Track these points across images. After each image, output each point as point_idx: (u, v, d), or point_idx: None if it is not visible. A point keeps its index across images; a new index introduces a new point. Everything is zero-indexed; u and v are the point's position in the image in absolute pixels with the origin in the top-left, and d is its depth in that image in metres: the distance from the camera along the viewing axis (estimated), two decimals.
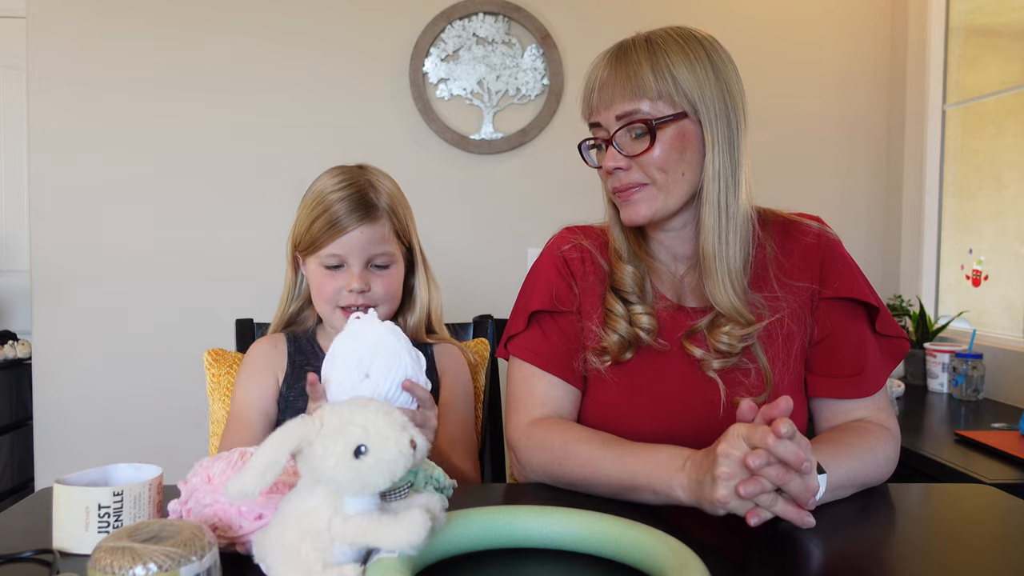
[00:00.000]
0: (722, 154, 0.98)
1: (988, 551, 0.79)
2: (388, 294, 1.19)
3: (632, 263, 1.06)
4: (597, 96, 1.01)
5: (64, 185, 2.44)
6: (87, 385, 2.46)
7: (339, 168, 1.22)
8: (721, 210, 0.99)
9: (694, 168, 0.99)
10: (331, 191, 1.17)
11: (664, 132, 0.97)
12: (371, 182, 1.19)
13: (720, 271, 1.00)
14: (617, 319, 1.04)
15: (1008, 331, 2.24)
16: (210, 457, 0.78)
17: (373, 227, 1.16)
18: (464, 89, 2.52)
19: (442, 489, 0.81)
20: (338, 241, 1.15)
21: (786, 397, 0.78)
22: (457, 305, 2.49)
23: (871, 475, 0.95)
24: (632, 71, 0.97)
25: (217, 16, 2.46)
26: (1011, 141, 2.28)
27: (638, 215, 1.01)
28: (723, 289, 0.99)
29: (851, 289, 1.03)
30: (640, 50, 0.98)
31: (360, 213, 1.15)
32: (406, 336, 0.88)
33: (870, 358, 1.02)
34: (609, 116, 1.00)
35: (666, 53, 0.97)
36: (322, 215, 1.16)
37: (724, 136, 0.98)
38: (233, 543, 0.72)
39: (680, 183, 1.00)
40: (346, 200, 1.16)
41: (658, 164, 0.98)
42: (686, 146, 0.98)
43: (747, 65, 2.89)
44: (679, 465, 0.84)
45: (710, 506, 0.79)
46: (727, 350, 1.00)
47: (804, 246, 1.06)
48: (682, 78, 0.96)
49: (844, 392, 1.02)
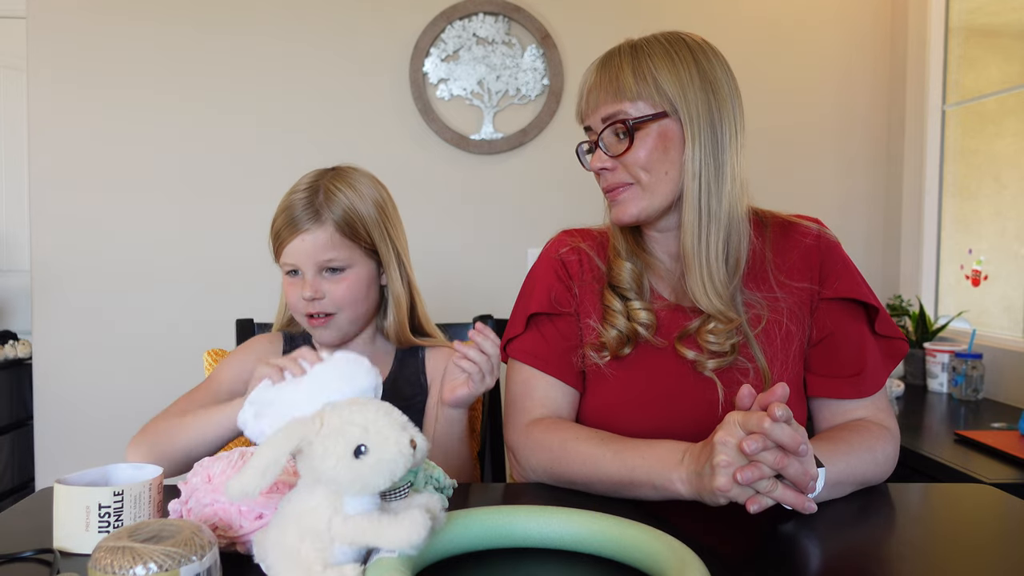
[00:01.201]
0: (703, 153, 0.99)
1: (988, 551, 0.79)
2: (344, 300, 1.16)
3: (631, 260, 1.08)
4: (586, 101, 1.04)
5: (64, 185, 2.44)
6: (87, 385, 2.46)
7: (315, 170, 1.22)
8: (701, 209, 1.00)
9: (678, 167, 1.01)
10: (294, 191, 1.18)
11: (644, 132, 0.99)
12: (325, 186, 1.17)
13: (699, 270, 1.00)
14: (615, 315, 1.04)
15: (1008, 331, 2.24)
16: (210, 457, 0.78)
17: (316, 233, 1.14)
18: (464, 89, 2.52)
19: (442, 489, 0.81)
20: (288, 247, 1.16)
21: (782, 384, 0.78)
22: (457, 305, 2.49)
23: (870, 473, 0.95)
24: (614, 75, 1.00)
25: (217, 17, 2.46)
26: (1011, 141, 2.28)
27: (625, 214, 1.03)
28: (703, 288, 1.00)
29: (851, 290, 1.04)
30: (624, 55, 1.01)
31: (305, 217, 1.15)
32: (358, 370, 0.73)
33: (870, 358, 1.02)
34: (596, 119, 1.03)
35: (649, 56, 1.00)
36: (283, 212, 1.17)
37: (707, 135, 0.99)
38: (233, 543, 0.72)
39: (664, 182, 1.01)
40: (296, 204, 1.16)
41: (641, 164, 1.00)
42: (668, 146, 1.00)
43: (747, 65, 2.89)
44: (678, 458, 0.85)
45: (710, 496, 0.79)
46: (717, 350, 1.01)
47: (804, 247, 1.07)
48: (663, 79, 0.99)
49: (843, 392, 1.02)
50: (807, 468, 0.77)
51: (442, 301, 2.52)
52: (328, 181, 1.18)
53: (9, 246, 3.69)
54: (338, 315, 1.17)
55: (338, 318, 1.17)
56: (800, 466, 0.77)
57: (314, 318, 1.17)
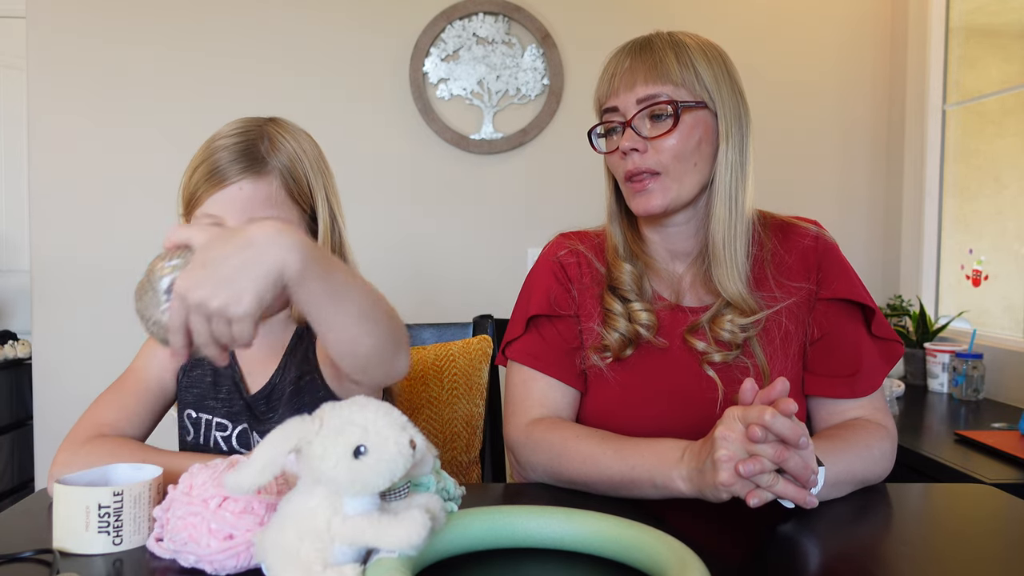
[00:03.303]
0: (735, 148, 1.02)
1: (988, 551, 0.79)
2: None
3: (630, 261, 1.08)
4: (620, 80, 1.03)
5: (64, 185, 2.44)
6: (87, 385, 2.45)
7: (242, 118, 1.05)
8: (732, 201, 1.02)
9: (706, 160, 1.02)
10: (220, 137, 1.00)
11: (685, 118, 1.00)
12: (268, 134, 1.01)
13: (729, 260, 1.02)
14: (616, 317, 1.05)
15: (1008, 331, 2.24)
16: (200, 464, 0.75)
17: (257, 184, 0.97)
18: (464, 89, 2.52)
19: (453, 499, 0.81)
20: (214, 197, 0.97)
21: (782, 379, 0.78)
22: (457, 305, 2.49)
23: (869, 472, 0.95)
24: (658, 58, 1.01)
25: (217, 17, 2.46)
26: (1011, 141, 2.28)
27: (652, 205, 1.02)
28: (731, 278, 1.02)
29: (848, 291, 1.04)
30: (664, 42, 1.02)
31: (243, 164, 0.97)
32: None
33: (866, 359, 1.03)
34: (630, 99, 1.01)
35: (687, 48, 1.02)
36: (203, 163, 0.98)
37: (737, 132, 1.03)
38: (200, 559, 0.70)
39: (692, 173, 1.02)
40: (230, 148, 0.98)
41: (674, 151, 1.00)
42: (702, 137, 1.01)
43: (747, 65, 2.90)
44: (678, 456, 0.85)
45: (712, 491, 0.79)
46: (730, 339, 1.01)
47: (802, 248, 1.08)
48: (703, 71, 1.01)
49: (840, 392, 1.03)
50: (808, 461, 0.77)
51: (442, 301, 2.52)
52: (271, 128, 1.02)
53: (9, 246, 3.69)
54: None
55: None
56: (800, 459, 0.77)
57: None
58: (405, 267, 2.50)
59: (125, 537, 0.75)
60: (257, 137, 1.00)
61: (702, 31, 1.09)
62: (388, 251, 2.49)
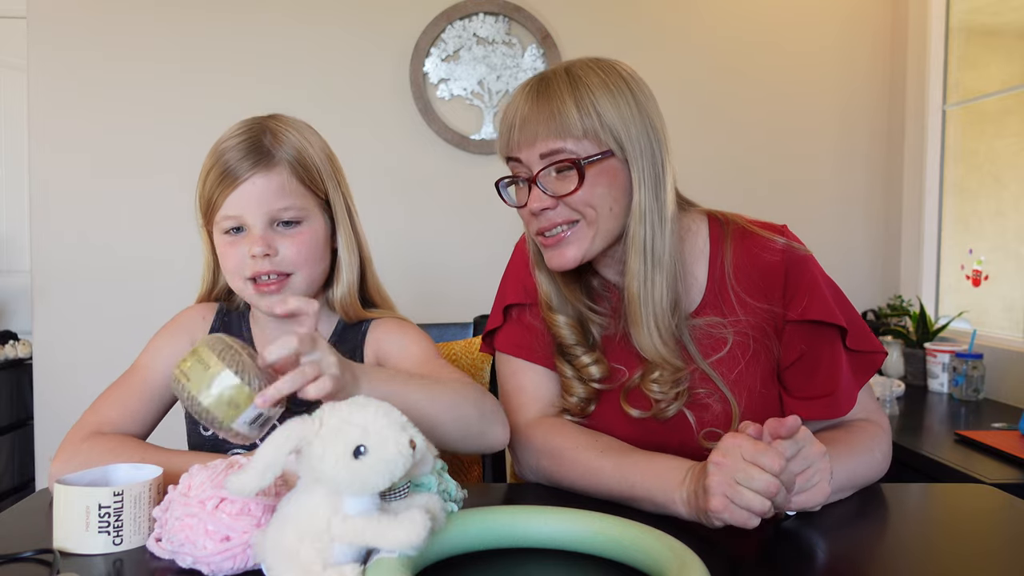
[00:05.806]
0: (648, 194, 0.95)
1: (988, 551, 0.79)
2: (301, 257, 1.00)
3: (563, 311, 1.03)
4: (519, 132, 0.94)
5: (64, 185, 2.44)
6: (87, 385, 2.45)
7: (245, 119, 1.07)
8: (647, 253, 0.95)
9: (622, 202, 0.96)
10: (225, 140, 1.02)
11: (590, 172, 0.93)
12: (270, 128, 1.03)
13: (646, 317, 0.96)
14: (571, 382, 1.02)
15: (1008, 331, 2.24)
16: (200, 465, 0.75)
17: (268, 176, 0.99)
18: (464, 89, 2.52)
19: (455, 501, 0.81)
20: (231, 197, 0.99)
21: (795, 416, 0.78)
22: (457, 305, 2.49)
23: (871, 474, 0.95)
24: (556, 107, 0.92)
25: (217, 17, 2.46)
26: (1011, 141, 2.28)
27: (566, 259, 0.96)
28: (649, 337, 0.96)
29: (819, 311, 0.98)
30: (562, 84, 0.93)
31: (252, 160, 0.99)
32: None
33: (842, 379, 0.99)
34: (532, 154, 0.94)
35: (589, 88, 0.92)
36: (213, 167, 1.01)
37: (650, 174, 0.95)
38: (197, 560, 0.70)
39: (609, 218, 0.96)
40: (237, 147, 1.00)
41: (588, 201, 0.94)
42: (613, 183, 0.95)
43: (747, 65, 2.88)
44: (680, 478, 0.84)
45: (706, 518, 0.79)
46: (662, 399, 0.97)
47: (766, 264, 1.01)
48: (607, 114, 0.92)
49: (818, 413, 0.99)
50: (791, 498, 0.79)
51: (442, 301, 2.52)
52: (272, 123, 1.04)
53: (9, 246, 3.69)
54: (294, 277, 1.01)
55: (293, 281, 1.01)
56: (787, 496, 0.78)
57: (263, 283, 1.00)
58: (406, 267, 2.50)
59: (125, 537, 0.75)
60: (260, 133, 1.02)
61: (702, 32, 1.06)
62: (389, 251, 2.49)
